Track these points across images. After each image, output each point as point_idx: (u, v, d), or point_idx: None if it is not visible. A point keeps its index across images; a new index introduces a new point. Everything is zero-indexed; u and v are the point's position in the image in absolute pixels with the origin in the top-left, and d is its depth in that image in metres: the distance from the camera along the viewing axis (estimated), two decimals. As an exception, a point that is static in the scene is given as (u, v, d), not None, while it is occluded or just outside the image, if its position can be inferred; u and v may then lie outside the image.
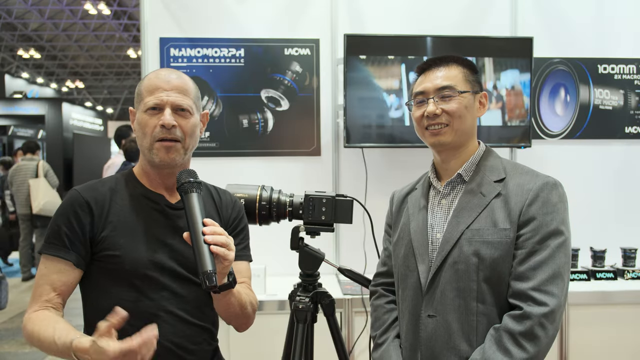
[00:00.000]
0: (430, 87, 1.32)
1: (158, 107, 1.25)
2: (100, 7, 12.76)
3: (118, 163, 4.69)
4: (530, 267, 1.18)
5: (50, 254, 1.22)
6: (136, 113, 1.30)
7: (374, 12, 2.78)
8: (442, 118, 1.30)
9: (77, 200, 1.25)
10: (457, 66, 1.33)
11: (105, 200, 1.26)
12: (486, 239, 1.22)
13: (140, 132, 1.27)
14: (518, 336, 1.14)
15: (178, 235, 1.26)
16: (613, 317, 2.40)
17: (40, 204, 6.10)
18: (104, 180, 1.33)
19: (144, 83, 1.29)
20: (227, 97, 2.73)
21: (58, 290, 1.22)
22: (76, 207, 1.24)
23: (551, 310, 1.14)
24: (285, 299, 1.90)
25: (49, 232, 1.24)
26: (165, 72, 1.30)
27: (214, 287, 1.10)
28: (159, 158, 1.26)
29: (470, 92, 1.31)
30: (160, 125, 1.24)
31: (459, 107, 1.29)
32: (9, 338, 4.45)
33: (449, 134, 1.30)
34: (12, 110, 12.03)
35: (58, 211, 1.25)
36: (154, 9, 2.70)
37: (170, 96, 1.25)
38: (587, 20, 2.86)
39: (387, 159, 2.78)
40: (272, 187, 1.64)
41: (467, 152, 1.34)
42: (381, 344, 1.41)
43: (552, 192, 1.22)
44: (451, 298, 1.24)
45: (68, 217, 1.23)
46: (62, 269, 1.22)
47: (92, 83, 21.09)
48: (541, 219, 1.20)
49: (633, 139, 2.90)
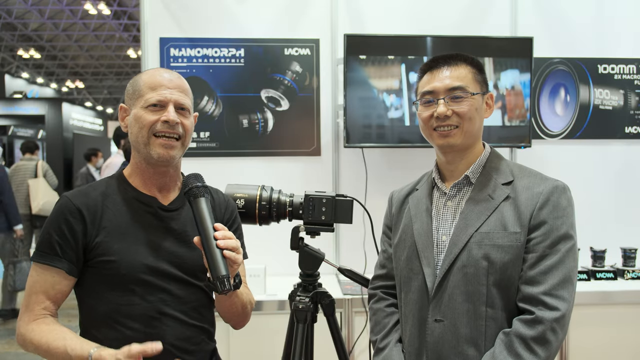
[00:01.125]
0: (440, 87, 1.27)
1: (160, 104, 1.24)
2: (100, 7, 12.76)
3: (116, 163, 4.68)
4: (541, 272, 1.17)
5: (42, 262, 1.21)
6: (129, 109, 1.29)
7: (374, 12, 2.78)
8: (452, 120, 1.26)
9: (67, 207, 1.23)
10: (465, 65, 1.30)
11: (97, 206, 1.25)
12: (496, 243, 1.21)
13: (136, 126, 1.25)
14: (530, 341, 1.13)
15: (172, 237, 1.27)
16: (613, 317, 2.40)
17: (39, 204, 6.09)
18: (94, 184, 1.32)
19: (142, 80, 1.28)
20: (227, 97, 2.73)
21: (52, 298, 1.22)
22: (67, 215, 1.22)
23: (562, 315, 1.14)
24: (285, 299, 1.90)
25: (41, 239, 1.23)
26: (166, 71, 1.30)
27: (228, 291, 1.13)
28: (157, 154, 1.24)
29: (480, 94, 1.29)
30: (163, 121, 1.23)
31: (470, 109, 1.26)
32: (9, 338, 4.45)
33: (458, 136, 1.27)
34: (12, 110, 12.03)
35: (49, 218, 1.24)
36: (154, 9, 2.70)
37: (174, 94, 1.26)
38: (587, 20, 2.86)
39: (387, 159, 2.78)
40: (272, 187, 1.64)
41: (473, 153, 1.31)
42: (383, 349, 1.37)
43: (561, 196, 1.22)
44: (460, 302, 1.22)
45: (59, 224, 1.22)
46: (55, 277, 1.21)
47: (92, 83, 21.08)
48: (552, 223, 1.19)
49: (633, 139, 2.90)
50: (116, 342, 1.13)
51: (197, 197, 1.19)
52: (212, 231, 1.16)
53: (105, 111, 20.69)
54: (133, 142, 1.28)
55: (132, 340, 1.13)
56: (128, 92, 1.30)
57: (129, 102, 1.29)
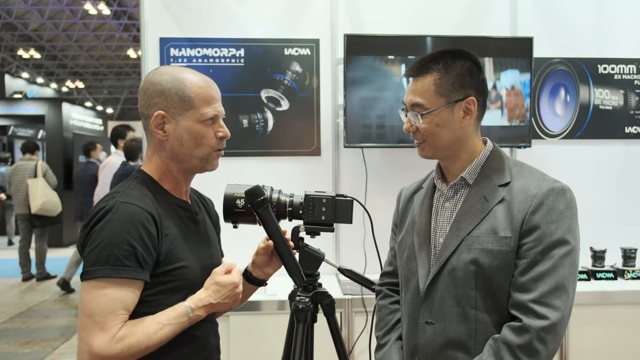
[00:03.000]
0: (407, 101, 1.27)
1: (215, 118, 1.26)
2: (100, 7, 12.74)
3: (115, 162, 4.67)
4: (531, 279, 1.13)
5: (123, 277, 1.10)
6: (173, 118, 1.21)
7: (374, 12, 2.78)
8: (417, 135, 1.27)
9: (143, 214, 1.14)
10: (432, 74, 1.22)
11: (158, 212, 1.19)
12: (485, 247, 1.18)
13: (192, 141, 1.22)
14: (516, 349, 1.11)
15: (202, 240, 1.33)
16: (613, 317, 2.40)
17: (38, 203, 6.10)
18: (132, 186, 1.22)
19: (191, 90, 1.21)
20: (227, 97, 2.73)
21: (131, 309, 1.14)
22: (144, 221, 1.14)
23: (552, 324, 1.09)
24: (285, 299, 1.90)
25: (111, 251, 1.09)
26: (210, 80, 1.29)
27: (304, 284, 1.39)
28: (212, 167, 1.28)
29: (443, 107, 1.22)
30: (220, 137, 1.26)
31: (429, 126, 1.23)
32: (9, 338, 4.44)
33: (427, 149, 1.27)
34: (12, 110, 12.01)
35: (122, 228, 1.11)
36: (154, 9, 2.70)
37: (221, 106, 1.29)
38: (587, 20, 2.86)
39: (387, 159, 2.78)
40: (272, 187, 1.63)
41: (467, 155, 1.27)
42: (383, 345, 1.40)
43: (558, 198, 1.16)
44: (449, 305, 1.21)
45: (138, 232, 1.12)
46: (137, 292, 1.13)
47: (92, 83, 21.07)
48: (545, 228, 1.14)
49: (633, 139, 2.90)
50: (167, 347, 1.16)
51: (266, 207, 1.32)
52: (284, 237, 1.34)
53: (105, 111, 20.67)
54: (180, 155, 1.23)
55: (180, 344, 1.18)
56: (171, 99, 1.21)
57: (172, 111, 1.21)
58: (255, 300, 2.28)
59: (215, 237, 1.44)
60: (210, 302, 1.19)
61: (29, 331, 4.62)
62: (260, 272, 1.44)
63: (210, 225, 1.42)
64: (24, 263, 6.53)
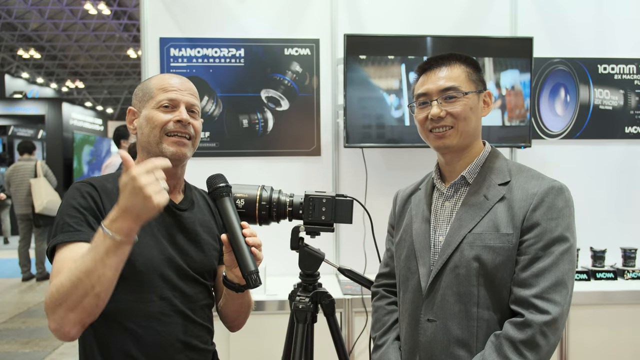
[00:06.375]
0: (433, 89, 1.27)
1: (172, 104, 1.26)
2: (100, 7, 12.75)
3: (116, 163, 4.68)
4: (533, 274, 1.15)
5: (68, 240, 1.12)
6: (139, 112, 1.29)
7: (374, 12, 2.78)
8: (446, 120, 1.26)
9: (84, 186, 1.20)
10: (459, 65, 1.29)
11: (114, 194, 1.19)
12: (488, 244, 1.20)
13: (148, 127, 1.25)
14: (519, 344, 1.12)
15: (183, 235, 1.28)
16: (613, 317, 2.40)
17: (43, 202, 6.11)
18: (105, 176, 1.28)
19: (153, 83, 1.30)
20: (227, 97, 2.73)
21: None
22: (88, 189, 1.19)
23: (553, 319, 1.11)
24: (285, 299, 1.90)
25: (57, 225, 1.15)
26: (175, 75, 1.32)
27: (257, 286, 1.19)
28: (170, 151, 1.24)
29: (474, 92, 1.28)
30: (176, 121, 1.25)
31: (464, 109, 1.26)
32: (9, 338, 4.44)
33: (453, 136, 1.27)
34: (12, 110, 12.02)
35: (66, 202, 1.17)
36: (154, 9, 2.70)
37: (185, 95, 1.28)
38: (587, 20, 2.86)
39: (387, 159, 2.78)
40: (272, 187, 1.63)
41: (471, 153, 1.31)
42: (381, 346, 1.40)
43: (557, 197, 1.19)
44: (451, 303, 1.22)
45: (77, 199, 1.16)
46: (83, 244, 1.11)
47: (92, 83, 21.07)
48: (545, 225, 1.16)
49: (633, 139, 2.90)
50: (129, 342, 1.15)
51: (224, 196, 1.24)
52: (239, 229, 1.23)
53: (105, 111, 20.68)
54: (143, 143, 1.27)
55: (145, 338, 1.15)
56: (137, 95, 1.31)
57: (138, 105, 1.30)
58: (255, 300, 2.28)
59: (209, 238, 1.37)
60: (119, 207, 1.03)
61: (29, 331, 4.62)
62: (232, 274, 1.28)
63: (209, 225, 1.38)
64: (24, 263, 6.54)
